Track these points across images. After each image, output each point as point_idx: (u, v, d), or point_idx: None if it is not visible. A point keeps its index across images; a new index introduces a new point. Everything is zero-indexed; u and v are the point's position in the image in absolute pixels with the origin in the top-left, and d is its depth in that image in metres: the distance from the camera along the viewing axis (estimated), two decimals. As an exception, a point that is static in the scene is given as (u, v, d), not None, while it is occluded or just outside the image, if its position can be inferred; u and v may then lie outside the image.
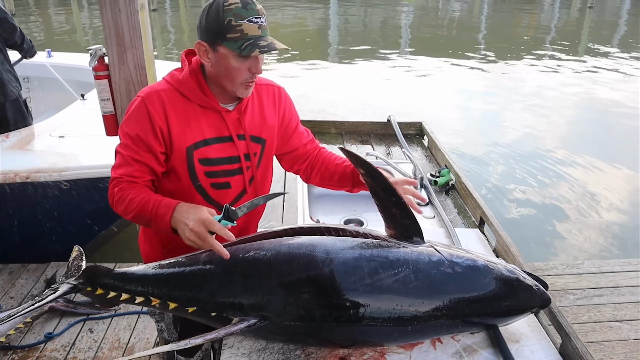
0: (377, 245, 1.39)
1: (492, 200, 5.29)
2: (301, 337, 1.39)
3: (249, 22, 1.39)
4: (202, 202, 1.58)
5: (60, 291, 1.44)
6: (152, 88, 1.53)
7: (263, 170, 1.70)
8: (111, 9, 2.22)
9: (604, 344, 2.96)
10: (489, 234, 2.32)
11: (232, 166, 1.59)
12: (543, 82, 9.85)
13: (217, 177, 1.58)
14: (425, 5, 24.17)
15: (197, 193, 1.58)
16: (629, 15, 19.72)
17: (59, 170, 3.11)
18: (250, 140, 1.60)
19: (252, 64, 1.45)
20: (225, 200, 1.60)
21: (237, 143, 1.57)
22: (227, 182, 1.60)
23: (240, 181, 1.63)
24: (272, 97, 1.68)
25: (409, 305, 1.32)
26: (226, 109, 1.55)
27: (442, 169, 2.90)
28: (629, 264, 3.70)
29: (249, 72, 1.46)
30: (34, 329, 2.98)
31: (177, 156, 1.51)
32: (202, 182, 1.57)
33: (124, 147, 1.50)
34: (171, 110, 1.49)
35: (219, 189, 1.60)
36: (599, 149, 6.68)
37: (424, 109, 7.96)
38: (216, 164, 1.56)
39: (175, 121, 1.49)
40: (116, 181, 1.49)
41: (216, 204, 1.59)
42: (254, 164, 1.64)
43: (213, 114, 1.54)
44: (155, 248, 1.74)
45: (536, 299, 1.47)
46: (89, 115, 3.92)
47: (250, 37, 1.39)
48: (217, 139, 1.55)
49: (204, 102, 1.52)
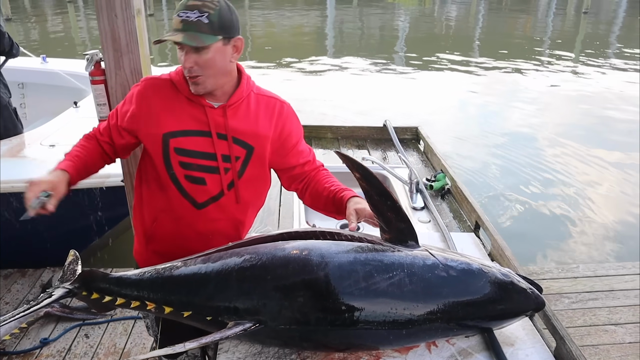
0: (372, 249, 1.40)
1: (488, 205, 5.31)
2: (296, 341, 1.39)
3: (177, 16, 1.45)
4: (177, 193, 1.62)
5: (56, 296, 1.44)
6: (151, 77, 1.66)
7: (249, 180, 1.67)
8: (108, 14, 2.23)
9: (599, 348, 2.97)
10: (485, 238, 2.34)
11: (209, 163, 1.60)
12: (539, 87, 9.89)
13: (192, 169, 1.60)
14: (422, 10, 24.27)
15: (171, 182, 1.61)
16: (624, 20, 19.84)
17: None
18: (233, 142, 1.59)
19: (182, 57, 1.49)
20: (200, 196, 1.62)
21: (215, 141, 1.58)
22: (202, 178, 1.61)
23: (217, 181, 1.62)
24: (272, 109, 1.67)
25: (404, 308, 1.32)
26: (211, 105, 1.58)
27: (438, 174, 2.92)
28: (623, 268, 3.72)
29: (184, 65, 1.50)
30: (30, 334, 2.97)
31: (153, 141, 1.58)
32: (177, 172, 1.59)
33: (111, 115, 1.70)
34: (160, 95, 1.58)
35: (194, 183, 1.61)
36: (595, 154, 6.71)
37: (420, 114, 7.98)
38: (192, 156, 1.58)
39: (159, 106, 1.57)
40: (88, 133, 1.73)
41: (191, 198, 1.62)
42: (235, 168, 1.62)
43: (198, 108, 1.58)
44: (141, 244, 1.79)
45: (530, 302, 1.48)
46: (82, 124, 3.90)
47: (172, 29, 1.47)
48: (197, 132, 1.58)
49: (191, 96, 1.57)
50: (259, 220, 2.48)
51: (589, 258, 4.52)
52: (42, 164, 3.28)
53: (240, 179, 1.65)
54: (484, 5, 24.12)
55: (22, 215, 3.23)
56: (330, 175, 1.77)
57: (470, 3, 24.52)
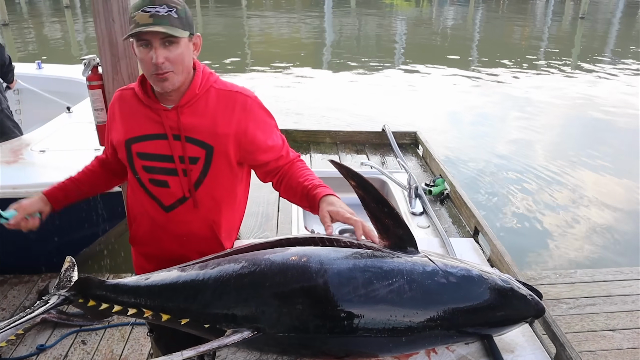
0: (371, 255, 1.39)
1: (487, 210, 5.31)
2: (295, 349, 1.38)
3: (142, 12, 1.42)
4: (144, 195, 1.66)
5: (51, 303, 1.43)
6: (123, 87, 1.72)
7: (216, 179, 1.63)
8: (105, 18, 2.22)
9: (597, 354, 2.96)
10: (484, 243, 2.33)
11: (169, 165, 1.60)
12: (536, 92, 9.92)
13: (155, 173, 1.62)
14: (419, 14, 24.35)
15: (139, 186, 1.66)
16: (620, 26, 19.94)
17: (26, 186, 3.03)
18: (187, 141, 1.57)
19: (152, 52, 1.45)
20: (167, 199, 1.64)
21: (171, 142, 1.58)
22: (164, 181, 1.62)
23: (179, 183, 1.61)
24: (232, 104, 1.59)
25: (403, 315, 1.31)
26: (164, 107, 1.58)
27: (437, 179, 2.91)
28: (621, 273, 3.72)
29: (152, 62, 1.46)
30: (26, 341, 2.95)
31: (119, 147, 1.65)
32: (141, 176, 1.64)
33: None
34: (123, 106, 1.65)
35: (158, 186, 1.64)
36: (593, 159, 6.72)
37: (419, 119, 7.99)
38: (152, 160, 1.61)
39: (121, 116, 1.64)
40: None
41: (158, 201, 1.66)
42: (196, 169, 1.59)
43: (152, 112, 1.59)
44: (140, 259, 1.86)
45: (530, 308, 1.47)
46: (74, 129, 3.89)
47: (138, 25, 1.42)
48: (154, 136, 1.59)
49: (146, 101, 1.59)
50: (257, 226, 2.47)
51: (587, 263, 4.52)
52: (32, 170, 3.26)
53: (206, 179, 1.62)
54: (481, 10, 24.22)
55: None
56: (304, 168, 1.69)
57: (467, 8, 24.61)
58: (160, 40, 1.44)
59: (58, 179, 3.12)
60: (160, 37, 1.44)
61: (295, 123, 7.51)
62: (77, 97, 4.53)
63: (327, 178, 3.02)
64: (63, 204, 1.81)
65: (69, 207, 3.18)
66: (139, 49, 1.47)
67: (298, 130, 3.71)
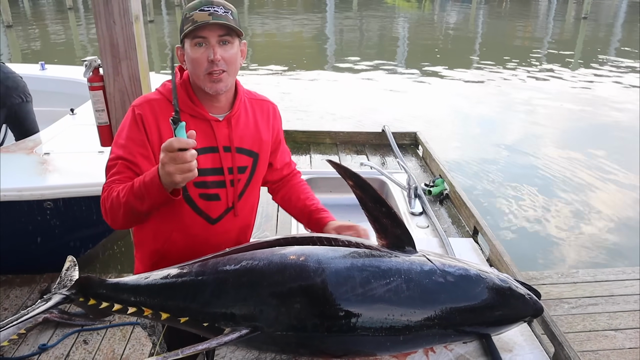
0: (369, 254, 1.40)
1: (486, 210, 5.30)
2: (293, 347, 1.39)
3: (200, 11, 1.43)
4: (190, 212, 1.58)
5: (53, 302, 1.44)
6: (144, 97, 1.56)
7: (254, 185, 1.69)
8: (106, 20, 2.24)
9: (599, 353, 2.96)
10: (483, 243, 2.33)
11: (219, 178, 1.58)
12: (538, 92, 9.90)
13: (206, 187, 1.57)
14: (421, 14, 24.34)
15: (185, 203, 1.56)
16: (623, 26, 19.90)
17: (31, 189, 3.07)
18: (237, 152, 1.59)
19: (208, 51, 1.45)
20: (216, 212, 1.60)
21: (222, 155, 1.56)
22: (216, 194, 1.59)
23: (230, 194, 1.61)
24: (267, 112, 1.69)
25: (401, 314, 1.32)
26: (216, 119, 1.56)
27: (437, 179, 2.92)
28: (623, 273, 3.72)
29: (208, 61, 1.45)
30: (28, 341, 2.96)
31: None
32: (191, 192, 1.55)
33: (118, 158, 1.49)
34: (162, 118, 1.51)
35: (208, 200, 1.58)
36: (594, 159, 6.71)
37: (419, 119, 7.99)
38: (205, 175, 1.54)
39: (166, 130, 1.49)
40: (107, 190, 1.47)
41: (205, 215, 1.59)
42: (244, 178, 1.62)
43: (202, 123, 1.55)
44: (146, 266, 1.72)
45: (529, 308, 1.48)
46: (78, 131, 3.89)
47: (197, 23, 1.42)
48: (205, 149, 1.54)
49: (193, 111, 1.53)
50: (257, 226, 2.47)
51: (589, 263, 4.51)
52: (37, 173, 3.26)
53: (249, 187, 1.65)
54: (483, 10, 24.21)
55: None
56: (305, 184, 1.85)
57: (470, 8, 24.60)
58: (218, 38, 1.45)
59: (63, 182, 3.16)
60: (217, 35, 1.44)
61: (296, 122, 7.55)
62: (82, 98, 4.54)
63: (327, 178, 3.05)
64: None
65: (72, 208, 3.22)
66: (193, 48, 1.45)
67: (298, 130, 3.73)
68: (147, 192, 1.35)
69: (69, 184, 3.12)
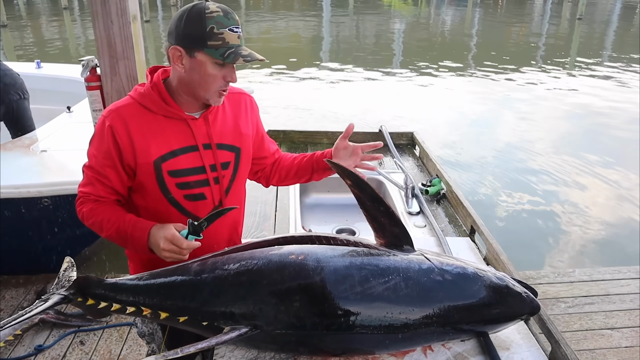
0: (368, 253, 1.40)
1: (483, 209, 5.32)
2: (292, 346, 1.39)
3: (230, 31, 1.40)
4: (178, 215, 1.55)
5: (51, 302, 1.44)
6: (114, 105, 1.52)
7: (240, 180, 1.67)
8: (104, 20, 2.23)
9: (595, 352, 2.97)
10: (480, 242, 2.34)
11: (203, 176, 1.55)
12: (534, 92, 9.95)
13: (190, 188, 1.54)
14: (417, 15, 24.39)
15: (171, 206, 1.54)
16: (618, 26, 20.00)
17: (27, 186, 3.07)
18: (217, 149, 1.56)
19: (228, 72, 1.45)
20: (203, 212, 1.55)
21: (202, 152, 1.54)
22: (201, 194, 1.57)
23: (215, 192, 1.59)
24: (245, 105, 1.66)
25: (400, 313, 1.33)
26: (192, 117, 1.52)
27: (433, 179, 2.92)
28: (619, 272, 3.73)
29: (224, 80, 1.46)
30: (24, 342, 2.95)
31: (145, 171, 1.49)
32: (175, 195, 1.53)
33: (89, 167, 1.52)
34: (134, 125, 1.47)
35: (194, 200, 1.56)
36: (590, 158, 6.74)
37: (416, 119, 8.01)
38: (186, 175, 1.53)
39: (139, 136, 1.47)
40: (83, 198, 1.54)
41: (193, 216, 1.53)
42: (228, 174, 1.60)
43: (179, 123, 1.51)
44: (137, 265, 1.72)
45: (525, 306, 1.49)
46: (74, 129, 3.89)
47: (231, 46, 1.40)
48: (184, 149, 1.52)
49: (167, 112, 1.50)
50: (255, 225, 2.48)
51: (585, 262, 4.53)
52: (33, 170, 3.26)
53: (234, 182, 1.64)
54: (479, 11, 24.28)
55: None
56: (288, 154, 1.87)
57: (465, 9, 24.67)
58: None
59: (59, 179, 3.15)
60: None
61: (295, 122, 7.55)
62: (77, 96, 4.54)
63: (325, 178, 3.03)
64: None
65: (68, 207, 3.21)
66: (212, 65, 1.41)
67: (295, 131, 3.72)
68: (132, 243, 1.47)
69: (65, 182, 3.12)
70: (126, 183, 1.53)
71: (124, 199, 1.58)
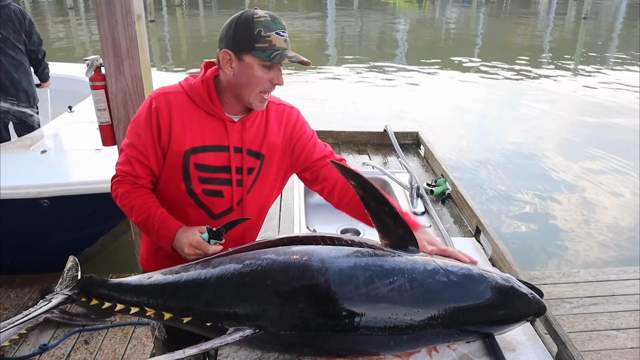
0: (373, 254, 1.39)
1: (488, 210, 5.30)
2: (297, 347, 1.39)
3: (276, 34, 1.45)
4: (193, 205, 1.62)
5: (55, 302, 1.43)
6: (163, 89, 1.59)
7: (261, 186, 1.69)
8: (108, 19, 2.23)
9: (600, 353, 2.95)
10: (485, 243, 2.33)
11: (225, 176, 1.61)
12: (539, 92, 9.90)
13: (210, 183, 1.60)
14: (422, 14, 24.34)
15: (188, 196, 1.61)
16: (623, 26, 19.90)
17: (27, 187, 3.07)
18: (247, 154, 1.61)
19: (274, 75, 1.50)
20: (217, 207, 1.63)
21: (232, 155, 1.59)
22: (219, 191, 1.62)
23: (235, 193, 1.63)
24: (280, 115, 1.69)
25: (405, 314, 1.32)
26: (230, 119, 1.58)
27: (439, 179, 2.92)
28: (624, 272, 3.71)
29: (270, 82, 1.50)
30: (29, 341, 2.96)
31: (174, 158, 1.56)
32: (194, 187, 1.59)
33: (129, 146, 1.57)
34: (177, 113, 1.54)
35: (211, 195, 1.61)
36: (595, 158, 6.71)
37: (421, 119, 7.99)
38: (211, 172, 1.58)
39: (179, 124, 1.54)
40: (120, 178, 1.59)
41: (207, 209, 1.63)
42: (250, 179, 1.64)
43: (217, 122, 1.57)
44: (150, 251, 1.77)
45: (531, 307, 1.47)
46: (76, 129, 3.89)
47: (278, 48, 1.45)
48: (215, 147, 1.57)
49: (210, 109, 1.56)
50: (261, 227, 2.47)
51: (590, 263, 4.51)
52: (34, 171, 3.25)
53: (254, 187, 1.66)
54: (484, 10, 24.20)
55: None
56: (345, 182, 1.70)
57: (470, 8, 24.60)
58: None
59: (59, 180, 3.15)
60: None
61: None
62: (80, 96, 4.54)
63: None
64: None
65: (70, 206, 3.21)
66: (259, 68, 1.46)
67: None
68: (157, 238, 1.54)
69: (66, 182, 3.12)
70: (160, 165, 1.59)
71: (157, 180, 1.63)
